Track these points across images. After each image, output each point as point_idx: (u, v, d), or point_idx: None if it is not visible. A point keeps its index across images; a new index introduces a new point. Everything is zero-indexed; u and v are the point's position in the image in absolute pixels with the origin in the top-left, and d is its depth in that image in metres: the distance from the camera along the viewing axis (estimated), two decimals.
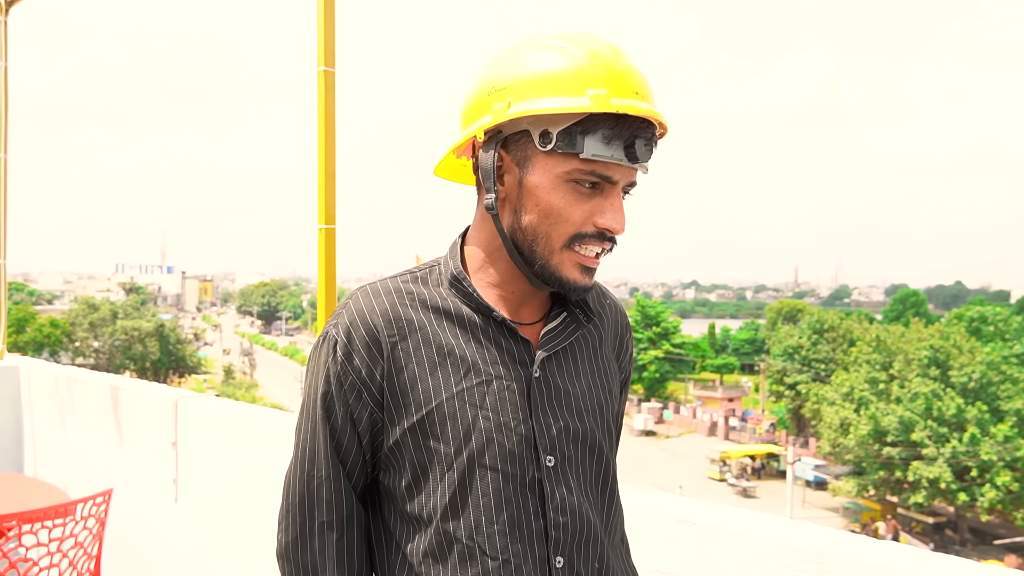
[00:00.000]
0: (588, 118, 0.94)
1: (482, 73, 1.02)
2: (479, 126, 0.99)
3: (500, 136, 0.99)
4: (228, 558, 2.78)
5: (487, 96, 0.99)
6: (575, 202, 0.97)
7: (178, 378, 55.43)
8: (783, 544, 1.48)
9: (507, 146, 0.99)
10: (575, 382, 1.07)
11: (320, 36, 2.27)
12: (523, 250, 1.01)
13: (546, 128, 0.95)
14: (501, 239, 1.02)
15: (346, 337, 1.02)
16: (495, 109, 0.97)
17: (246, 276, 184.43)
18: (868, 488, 30.79)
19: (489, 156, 0.99)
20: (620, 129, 0.94)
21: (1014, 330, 36.32)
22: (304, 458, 1.06)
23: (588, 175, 0.96)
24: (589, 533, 1.04)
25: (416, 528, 1.02)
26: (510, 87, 0.96)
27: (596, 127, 0.94)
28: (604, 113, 0.93)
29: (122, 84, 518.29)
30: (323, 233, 2.28)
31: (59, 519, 2.47)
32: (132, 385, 3.38)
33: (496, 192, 1.00)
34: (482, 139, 1.01)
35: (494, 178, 1.00)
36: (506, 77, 0.97)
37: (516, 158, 0.99)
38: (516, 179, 1.00)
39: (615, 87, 0.94)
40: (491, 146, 0.99)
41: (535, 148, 0.97)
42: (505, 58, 1.00)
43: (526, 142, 0.97)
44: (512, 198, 1.01)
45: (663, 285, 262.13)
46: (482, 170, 1.01)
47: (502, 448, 1.00)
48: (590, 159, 0.95)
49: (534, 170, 0.98)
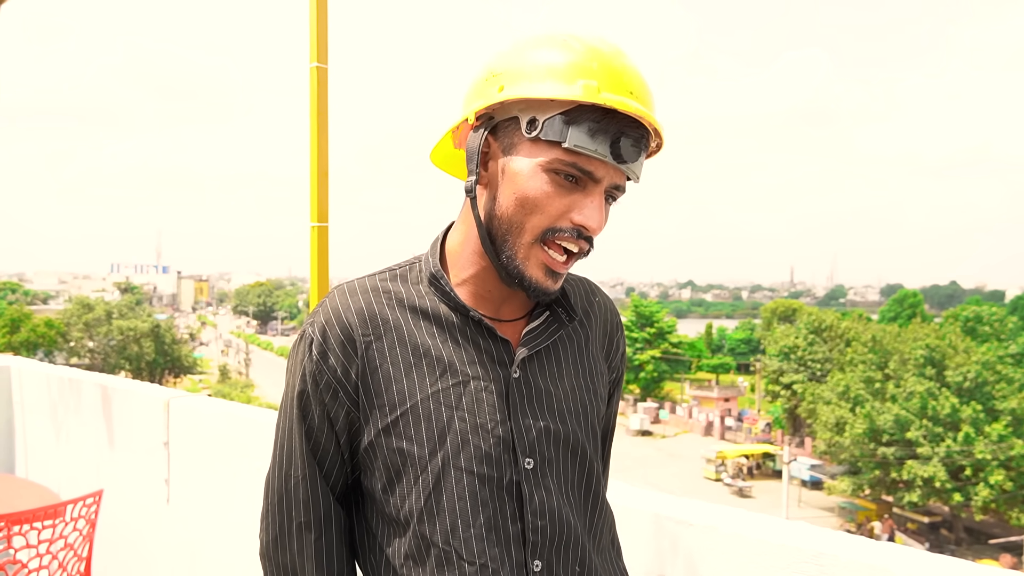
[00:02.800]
0: (576, 108, 0.92)
1: (485, 62, 1.02)
2: (471, 109, 0.99)
3: (491, 122, 0.98)
4: (220, 559, 2.75)
5: (485, 82, 0.99)
6: (553, 194, 0.95)
7: (173, 378, 55.28)
8: (780, 545, 1.47)
9: (496, 132, 0.98)
10: (557, 383, 1.05)
11: (313, 32, 2.25)
12: (496, 239, 0.99)
13: (534, 115, 0.94)
14: (476, 225, 1.00)
15: (321, 336, 1.01)
16: (488, 93, 0.97)
17: (242, 276, 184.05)
18: (863, 487, 30.85)
19: (476, 137, 0.98)
20: (607, 124, 0.92)
21: (1009, 330, 36.46)
22: (281, 458, 1.04)
23: (569, 167, 0.94)
24: (569, 537, 1.02)
25: (395, 530, 1.01)
26: (506, 73, 0.96)
27: (582, 118, 0.92)
28: (592, 105, 0.91)
29: (116, 83, 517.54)
30: (315, 231, 2.26)
31: (49, 521, 2.44)
32: (124, 385, 3.35)
33: (477, 175, 0.98)
34: (472, 122, 1.00)
35: (477, 160, 0.98)
36: (504, 64, 0.98)
37: (503, 144, 0.98)
38: (500, 165, 0.98)
39: (608, 82, 0.93)
40: (480, 129, 0.98)
41: (521, 134, 0.96)
42: (508, 48, 1.00)
43: (514, 128, 0.96)
44: (494, 184, 0.99)
45: (659, 285, 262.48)
46: (467, 152, 0.99)
47: (478, 450, 0.98)
48: (572, 149, 0.92)
49: (517, 156, 0.96)
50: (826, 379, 35.70)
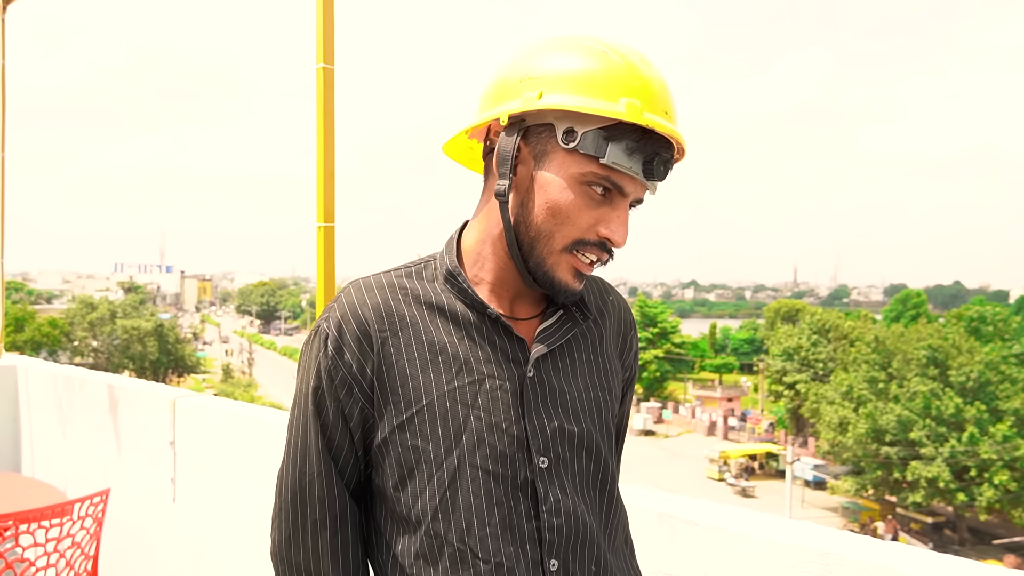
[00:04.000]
0: (616, 125, 0.93)
1: (515, 59, 1.00)
2: (505, 109, 0.97)
3: (523, 125, 0.97)
4: (226, 558, 2.76)
5: (518, 82, 0.97)
6: (584, 206, 0.96)
7: (177, 377, 55.38)
8: (787, 545, 1.47)
9: (527, 137, 0.98)
10: (572, 381, 1.05)
11: (319, 33, 2.25)
12: (523, 244, 0.99)
13: (572, 126, 0.94)
14: (504, 229, 1.00)
15: (337, 331, 1.00)
16: (525, 96, 0.95)
17: (245, 275, 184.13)
18: (867, 488, 30.82)
19: (511, 142, 0.97)
20: (644, 144, 0.94)
21: (1013, 330, 36.36)
22: (296, 455, 1.04)
23: (603, 180, 0.95)
24: (585, 535, 1.02)
25: (406, 529, 1.01)
26: (544, 78, 0.95)
27: (623, 136, 0.93)
28: (633, 124, 0.92)
29: (121, 83, 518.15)
30: (322, 231, 2.27)
31: (56, 519, 2.45)
32: (130, 384, 3.36)
33: (510, 180, 0.98)
34: (504, 123, 0.98)
35: (511, 164, 0.97)
36: (541, 67, 0.96)
37: (535, 150, 0.97)
38: (530, 171, 0.98)
39: (648, 100, 0.93)
40: (513, 132, 0.97)
41: (556, 144, 0.95)
42: (543, 49, 0.98)
43: (548, 136, 0.96)
44: (522, 190, 0.99)
45: (662, 285, 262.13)
46: (500, 154, 0.98)
47: (493, 449, 0.98)
48: (610, 166, 0.93)
49: (551, 166, 0.96)
50: (829, 379, 35.66)
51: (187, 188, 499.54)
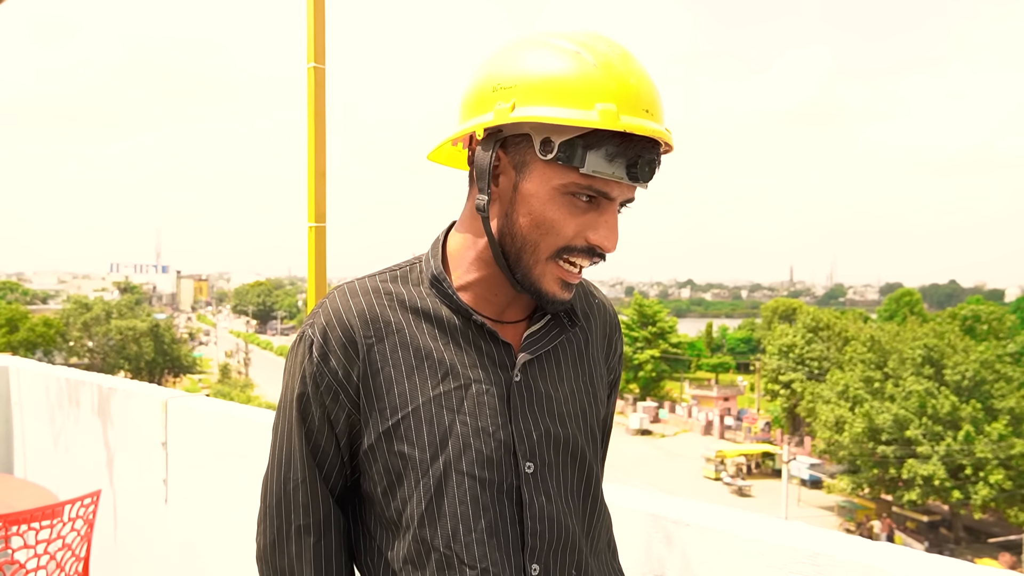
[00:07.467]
0: (593, 133, 0.89)
1: (487, 66, 0.97)
2: (479, 123, 0.94)
3: (500, 135, 0.95)
4: (218, 559, 2.75)
5: (491, 92, 0.94)
6: (569, 215, 0.94)
7: (173, 378, 55.27)
8: (777, 545, 1.47)
9: (506, 147, 0.95)
10: (558, 386, 1.05)
11: (310, 33, 2.25)
12: (509, 255, 0.98)
13: (548, 136, 0.91)
14: (488, 241, 0.99)
15: (322, 337, 1.00)
16: (498, 108, 0.92)
17: (241, 275, 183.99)
18: (863, 486, 30.89)
19: (487, 156, 0.95)
20: (625, 147, 0.90)
21: (1008, 329, 36.49)
22: (280, 461, 1.04)
23: (585, 189, 0.92)
24: (567, 540, 1.02)
25: (395, 534, 1.00)
26: (516, 87, 0.92)
27: (600, 143, 0.89)
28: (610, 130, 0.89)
29: (115, 82, 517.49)
30: (313, 231, 2.26)
31: (46, 521, 2.44)
32: (122, 385, 3.35)
33: (489, 194, 0.96)
34: (481, 136, 0.96)
35: (489, 179, 0.95)
36: (512, 76, 0.93)
37: (514, 161, 0.95)
38: (512, 182, 0.96)
39: (625, 102, 0.89)
40: (489, 145, 0.95)
41: (535, 155, 0.93)
42: (513, 55, 0.95)
43: (526, 147, 0.93)
44: (505, 200, 0.97)
45: (659, 284, 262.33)
46: (477, 169, 0.97)
47: (479, 454, 0.97)
48: (590, 175, 0.91)
49: (531, 177, 0.94)
50: (825, 378, 35.72)
51: (183, 187, 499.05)
